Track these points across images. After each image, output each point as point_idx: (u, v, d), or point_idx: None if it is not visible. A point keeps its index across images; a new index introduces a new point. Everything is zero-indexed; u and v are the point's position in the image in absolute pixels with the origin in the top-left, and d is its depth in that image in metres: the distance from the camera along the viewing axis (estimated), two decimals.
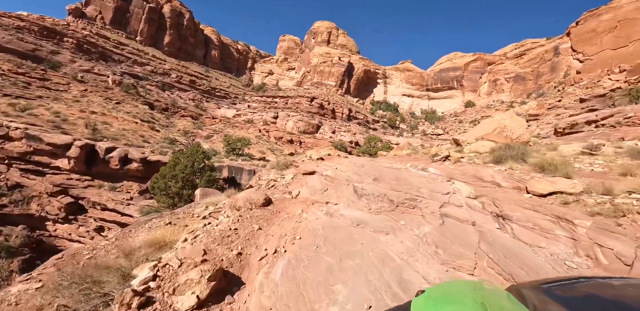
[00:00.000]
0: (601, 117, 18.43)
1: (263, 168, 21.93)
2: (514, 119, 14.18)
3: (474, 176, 5.74)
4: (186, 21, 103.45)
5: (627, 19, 67.95)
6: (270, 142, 51.69)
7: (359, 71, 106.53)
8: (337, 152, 14.22)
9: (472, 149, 11.06)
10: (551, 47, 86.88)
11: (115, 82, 62.15)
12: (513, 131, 13.41)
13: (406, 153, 16.82)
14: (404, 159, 12.83)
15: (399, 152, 20.04)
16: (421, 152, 17.99)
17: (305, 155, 10.63)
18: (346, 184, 5.76)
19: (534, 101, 73.01)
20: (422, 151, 18.63)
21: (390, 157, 16.95)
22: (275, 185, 6.57)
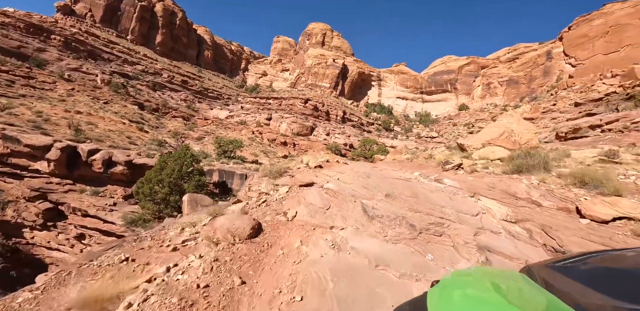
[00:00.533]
0: (606, 122, 17.86)
1: (255, 173, 20.94)
2: (521, 123, 13.44)
3: (504, 191, 4.88)
4: (179, 20, 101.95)
5: (618, 24, 68.67)
6: (263, 144, 50.61)
7: (353, 73, 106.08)
8: (336, 157, 13.34)
9: (482, 156, 10.24)
10: (544, 51, 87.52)
11: (104, 82, 60.48)
12: (521, 136, 12.67)
13: (406, 158, 15.98)
14: (406, 166, 11.96)
15: (398, 157, 19.22)
16: (422, 156, 17.21)
17: (301, 161, 9.69)
18: (352, 201, 4.86)
19: (527, 105, 73.15)
20: (423, 155, 17.85)
21: (389, 162, 16.11)
22: (267, 200, 5.56)
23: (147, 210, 17.24)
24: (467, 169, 7.56)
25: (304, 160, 8.93)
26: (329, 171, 7.21)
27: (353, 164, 10.25)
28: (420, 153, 18.16)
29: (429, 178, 6.72)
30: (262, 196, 5.91)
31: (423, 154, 19.06)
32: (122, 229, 17.73)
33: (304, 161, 8.87)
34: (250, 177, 19.85)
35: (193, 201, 16.44)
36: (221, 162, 24.46)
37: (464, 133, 73.14)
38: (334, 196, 5.17)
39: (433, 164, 10.26)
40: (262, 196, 5.87)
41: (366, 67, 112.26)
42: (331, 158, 10.44)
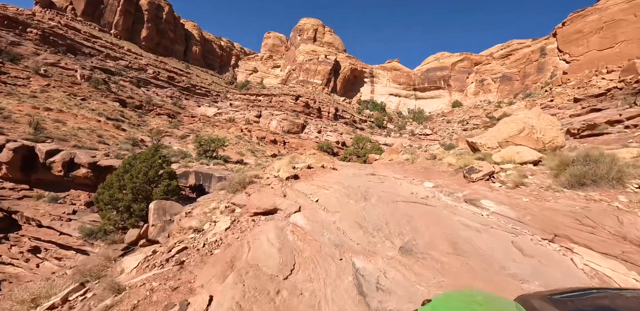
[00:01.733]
0: (626, 117, 16.07)
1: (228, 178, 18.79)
2: (542, 118, 11.46)
3: (615, 233, 2.73)
4: (165, 15, 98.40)
5: (613, 20, 67.69)
6: (251, 143, 48.27)
7: (345, 69, 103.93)
8: (322, 158, 11.26)
9: (505, 158, 8.25)
10: (537, 47, 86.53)
11: (83, 77, 57.34)
12: (544, 133, 10.70)
13: (405, 159, 13.94)
14: (409, 170, 9.92)
15: (395, 157, 17.19)
16: (422, 156, 15.21)
17: (273, 168, 7.59)
18: (336, 258, 2.74)
19: (522, 101, 72.05)
20: (423, 155, 15.84)
21: (386, 163, 14.05)
22: (188, 248, 3.26)
23: (108, 220, 14.97)
24: (505, 180, 5.53)
25: (276, 167, 6.82)
26: (308, 184, 5.19)
27: (343, 169, 8.28)
28: (420, 153, 16.10)
29: (453, 195, 4.74)
30: (188, 235, 3.80)
31: (423, 154, 17.07)
32: (80, 242, 15.44)
33: (275, 168, 6.76)
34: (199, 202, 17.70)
35: (160, 210, 14.26)
36: (200, 163, 22.20)
37: (458, 130, 71.63)
38: (304, 242, 3.05)
39: (444, 169, 8.29)
40: (186, 237, 3.75)
41: (359, 63, 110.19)
42: (316, 161, 8.40)
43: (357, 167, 10.55)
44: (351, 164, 11.60)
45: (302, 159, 9.48)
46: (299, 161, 8.62)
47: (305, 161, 8.80)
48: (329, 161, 10.79)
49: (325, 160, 10.63)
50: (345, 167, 9.30)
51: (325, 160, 10.63)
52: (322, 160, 10.18)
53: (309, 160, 9.01)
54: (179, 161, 22.68)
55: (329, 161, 10.59)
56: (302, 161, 8.72)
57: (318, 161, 9.68)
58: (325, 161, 10.42)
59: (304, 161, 8.52)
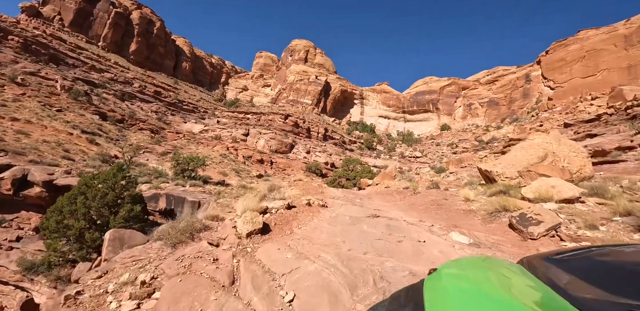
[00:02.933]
0: (638, 143, 14.99)
1: (212, 199, 16.79)
2: (563, 143, 10.06)
3: None
4: (156, 30, 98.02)
5: (594, 49, 70.44)
6: (237, 162, 46.09)
7: (335, 90, 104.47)
8: (308, 188, 9.52)
9: (540, 194, 6.63)
10: (522, 74, 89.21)
11: (64, 88, 54.92)
12: (568, 161, 9.24)
13: (405, 187, 12.21)
14: (416, 205, 8.24)
15: (392, 183, 15.49)
16: (421, 184, 13.59)
17: (236, 208, 5.73)
18: None
19: (510, 126, 72.76)
20: (422, 181, 14.21)
21: (383, 192, 12.31)
22: None
23: (54, 251, 12.55)
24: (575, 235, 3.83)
25: (239, 209, 4.92)
26: (282, 247, 3.33)
27: (336, 208, 6.68)
28: (419, 179, 14.45)
29: None
30: None
31: (422, 181, 15.43)
32: (17, 277, 12.86)
33: (239, 210, 4.88)
34: (204, 204, 15.62)
35: (117, 241, 11.99)
36: (175, 183, 20.00)
37: (447, 153, 71.29)
38: None
39: (463, 206, 6.64)
40: None
41: (349, 85, 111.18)
42: (300, 192, 6.67)
43: (352, 201, 8.84)
44: (344, 196, 9.83)
45: (282, 192, 7.72)
46: (276, 194, 6.87)
47: (285, 195, 7.03)
48: (317, 191, 9.05)
49: (312, 190, 8.91)
50: (338, 204, 7.59)
51: (312, 190, 8.91)
52: (309, 191, 8.45)
53: (290, 192, 7.29)
54: (152, 181, 20.44)
55: (316, 191, 8.85)
56: (282, 194, 6.97)
57: (303, 191, 7.97)
58: (312, 191, 8.69)
59: (284, 195, 6.78)
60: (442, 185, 12.07)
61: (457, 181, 13.11)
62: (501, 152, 47.35)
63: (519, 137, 45.34)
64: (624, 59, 65.02)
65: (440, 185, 12.12)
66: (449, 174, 48.64)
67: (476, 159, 51.62)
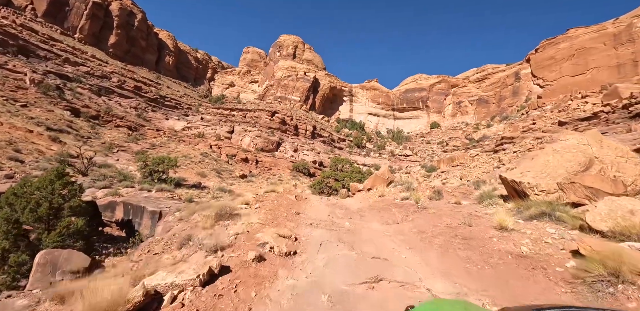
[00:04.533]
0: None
1: (181, 206, 14.45)
2: (606, 145, 8.17)
3: None
4: (137, 22, 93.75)
5: (583, 47, 70.14)
6: (219, 161, 43.54)
7: (324, 87, 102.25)
8: (279, 205, 7.60)
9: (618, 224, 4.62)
10: (512, 72, 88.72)
11: (33, 82, 51.24)
12: (619, 168, 7.30)
13: (404, 197, 10.20)
14: (427, 234, 6.31)
15: (386, 190, 13.48)
16: (421, 193, 11.59)
17: None
18: None
19: (500, 124, 72.01)
20: (422, 190, 12.21)
21: (377, 204, 10.29)
22: None
23: None
24: None
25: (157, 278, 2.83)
26: None
27: (317, 262, 4.36)
28: (418, 186, 12.42)
29: None
30: None
31: (421, 187, 13.40)
32: None
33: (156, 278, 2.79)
34: (165, 215, 13.30)
35: (49, 265, 9.89)
36: (140, 188, 17.61)
37: (438, 151, 70.08)
38: None
39: (503, 243, 4.56)
40: None
41: (338, 81, 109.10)
42: (264, 220, 4.58)
43: (339, 229, 6.74)
44: (328, 217, 7.74)
45: (235, 221, 5.56)
46: (223, 227, 4.74)
47: (235, 229, 4.89)
48: (290, 212, 7.00)
49: (283, 211, 6.87)
50: (315, 243, 5.40)
51: (283, 211, 6.87)
52: (278, 212, 6.41)
53: (248, 220, 5.19)
54: (112, 186, 17.98)
55: (289, 213, 6.80)
56: (233, 226, 4.85)
57: (269, 215, 5.92)
58: (285, 211, 6.66)
59: (230, 231, 4.66)
60: (448, 194, 10.14)
61: (462, 188, 11.22)
62: (493, 151, 46.14)
63: (512, 136, 44.18)
64: (613, 57, 64.79)
65: (445, 194, 10.17)
66: (440, 174, 47.24)
67: (468, 157, 50.34)
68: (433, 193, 9.77)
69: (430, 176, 47.10)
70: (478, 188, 10.21)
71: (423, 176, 49.45)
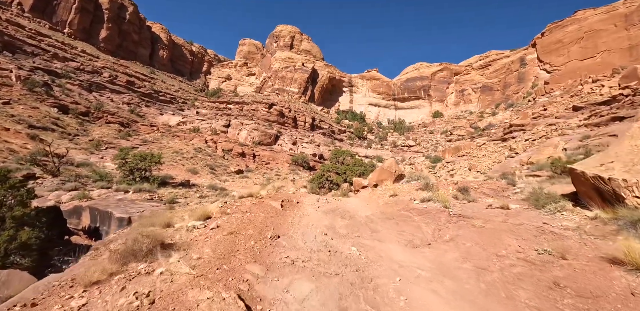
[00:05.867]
0: None
1: (155, 208, 12.62)
2: None
3: None
4: (129, 15, 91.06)
5: (592, 30, 67.07)
6: (214, 156, 41.63)
7: (323, 77, 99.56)
8: (257, 215, 5.70)
9: None
10: (517, 58, 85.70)
11: (19, 78, 49.19)
12: None
13: (424, 199, 8.16)
14: (486, 269, 3.94)
15: (397, 187, 11.49)
16: (443, 188, 9.59)
17: None
18: None
19: (506, 111, 69.56)
20: (444, 185, 10.16)
21: (389, 206, 8.29)
22: None
23: None
24: None
25: None
26: None
27: None
28: (439, 182, 10.34)
29: None
30: None
31: (441, 183, 11.26)
32: None
33: None
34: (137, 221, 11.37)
35: None
36: (116, 189, 15.74)
37: (442, 141, 67.89)
38: None
39: (622, 281, 2.51)
40: None
41: (337, 72, 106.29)
42: (219, 255, 2.71)
43: (338, 264, 4.56)
44: (327, 230, 5.70)
45: (153, 279, 3.51)
46: (137, 287, 2.80)
47: None
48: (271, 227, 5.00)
49: (260, 225, 4.89)
50: None
51: (260, 225, 4.89)
52: (241, 267, 4.26)
53: (196, 253, 3.23)
54: (86, 186, 16.12)
55: (268, 230, 4.79)
56: (148, 290, 2.88)
57: (224, 256, 3.85)
58: (261, 226, 4.68)
59: None
60: (475, 191, 8.15)
61: (491, 183, 9.09)
62: (502, 139, 43.97)
63: (522, 123, 41.93)
64: (624, 39, 61.77)
65: (473, 191, 8.17)
66: (446, 164, 45.20)
67: (474, 147, 48.19)
68: (458, 190, 7.82)
69: (435, 167, 45.09)
70: (512, 182, 8.24)
71: (428, 167, 47.43)
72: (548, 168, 10.81)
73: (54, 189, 14.68)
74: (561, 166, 8.44)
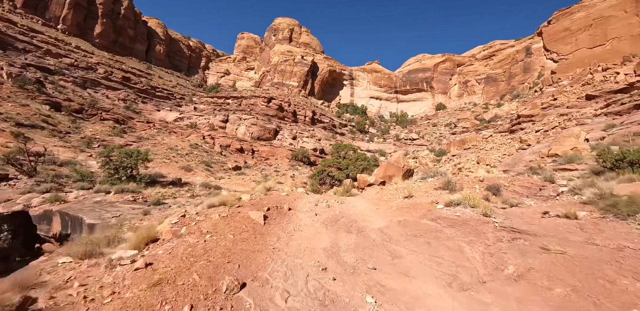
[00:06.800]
0: None
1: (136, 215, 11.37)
2: None
3: None
4: (124, 10, 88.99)
5: (602, 16, 64.64)
6: (210, 153, 40.26)
7: (323, 71, 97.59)
8: (225, 235, 4.45)
9: None
10: (522, 47, 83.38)
11: (10, 76, 47.83)
12: None
13: (451, 202, 6.66)
14: None
15: (411, 185, 10.05)
16: (467, 186, 8.16)
17: None
18: None
19: (512, 103, 67.69)
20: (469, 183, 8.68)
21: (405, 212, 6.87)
22: None
23: None
24: None
25: None
26: None
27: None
28: (461, 180, 8.84)
29: None
30: None
31: (465, 181, 9.74)
32: None
33: None
34: (106, 228, 10.04)
35: None
36: (96, 190, 14.39)
37: (446, 134, 66.17)
38: None
39: None
40: None
41: (337, 65, 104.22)
42: None
43: None
44: (322, 295, 4.00)
45: None
46: None
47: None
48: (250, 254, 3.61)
49: (226, 251, 3.51)
50: None
51: (226, 251, 3.51)
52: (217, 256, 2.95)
53: None
54: (65, 187, 14.80)
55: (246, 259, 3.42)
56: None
57: None
58: (228, 254, 3.32)
59: None
60: (506, 190, 6.72)
61: (523, 180, 7.53)
62: (509, 131, 42.31)
63: (531, 114, 40.19)
64: (635, 25, 59.36)
65: (504, 191, 6.74)
66: (451, 157, 43.67)
67: (480, 139, 46.53)
68: (487, 189, 6.40)
69: (440, 161, 43.57)
70: (550, 179, 6.78)
71: (432, 161, 45.90)
72: (580, 161, 9.38)
73: (27, 192, 13.37)
74: (612, 158, 6.96)
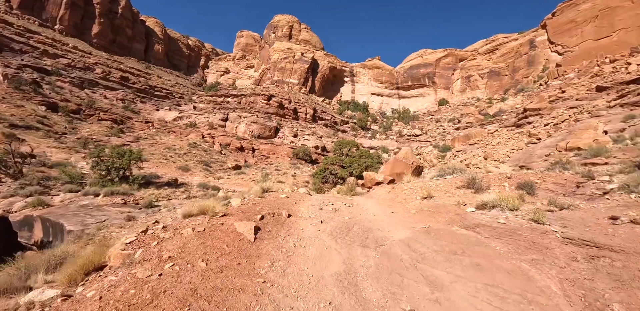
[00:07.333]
0: None
1: (118, 220, 10.54)
2: None
3: None
4: (121, 9, 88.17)
5: (608, 7, 63.10)
6: (210, 152, 39.44)
7: (324, 68, 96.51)
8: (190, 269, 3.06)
9: None
10: (526, 40, 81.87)
11: (6, 77, 47.16)
12: None
13: (480, 203, 5.66)
14: None
15: (427, 184, 9.16)
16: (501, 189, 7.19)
17: None
18: None
19: (516, 97, 66.40)
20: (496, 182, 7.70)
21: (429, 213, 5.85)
22: None
23: None
24: None
25: None
26: None
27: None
28: (485, 175, 7.83)
29: None
30: None
31: (490, 178, 8.72)
32: None
33: None
34: (82, 237, 9.28)
35: None
36: (84, 193, 13.57)
37: (450, 130, 65.02)
38: None
39: None
40: None
41: (338, 62, 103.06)
42: None
43: None
44: None
45: None
46: None
47: None
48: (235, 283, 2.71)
49: None
50: None
51: None
52: None
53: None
54: (52, 189, 13.99)
55: None
56: None
57: None
58: None
59: None
60: (538, 187, 5.81)
61: (555, 176, 6.44)
62: (516, 125, 41.19)
63: (538, 107, 39.06)
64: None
65: (538, 190, 5.80)
66: (456, 153, 42.64)
67: (486, 134, 45.45)
68: (518, 188, 5.49)
69: (445, 157, 42.56)
70: (588, 175, 5.87)
71: (437, 157, 44.89)
72: (607, 154, 8.48)
73: (9, 195, 12.55)
74: None
